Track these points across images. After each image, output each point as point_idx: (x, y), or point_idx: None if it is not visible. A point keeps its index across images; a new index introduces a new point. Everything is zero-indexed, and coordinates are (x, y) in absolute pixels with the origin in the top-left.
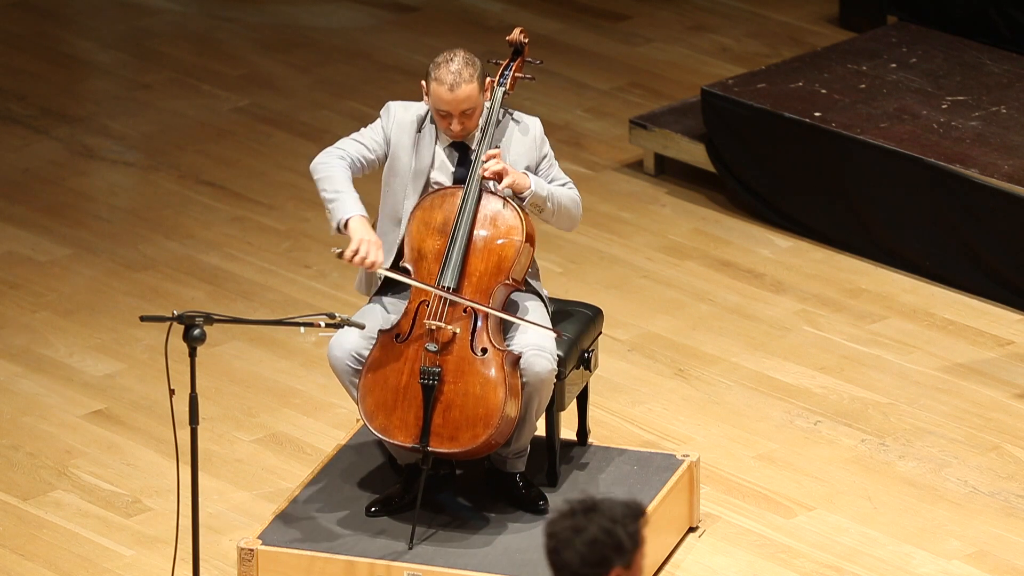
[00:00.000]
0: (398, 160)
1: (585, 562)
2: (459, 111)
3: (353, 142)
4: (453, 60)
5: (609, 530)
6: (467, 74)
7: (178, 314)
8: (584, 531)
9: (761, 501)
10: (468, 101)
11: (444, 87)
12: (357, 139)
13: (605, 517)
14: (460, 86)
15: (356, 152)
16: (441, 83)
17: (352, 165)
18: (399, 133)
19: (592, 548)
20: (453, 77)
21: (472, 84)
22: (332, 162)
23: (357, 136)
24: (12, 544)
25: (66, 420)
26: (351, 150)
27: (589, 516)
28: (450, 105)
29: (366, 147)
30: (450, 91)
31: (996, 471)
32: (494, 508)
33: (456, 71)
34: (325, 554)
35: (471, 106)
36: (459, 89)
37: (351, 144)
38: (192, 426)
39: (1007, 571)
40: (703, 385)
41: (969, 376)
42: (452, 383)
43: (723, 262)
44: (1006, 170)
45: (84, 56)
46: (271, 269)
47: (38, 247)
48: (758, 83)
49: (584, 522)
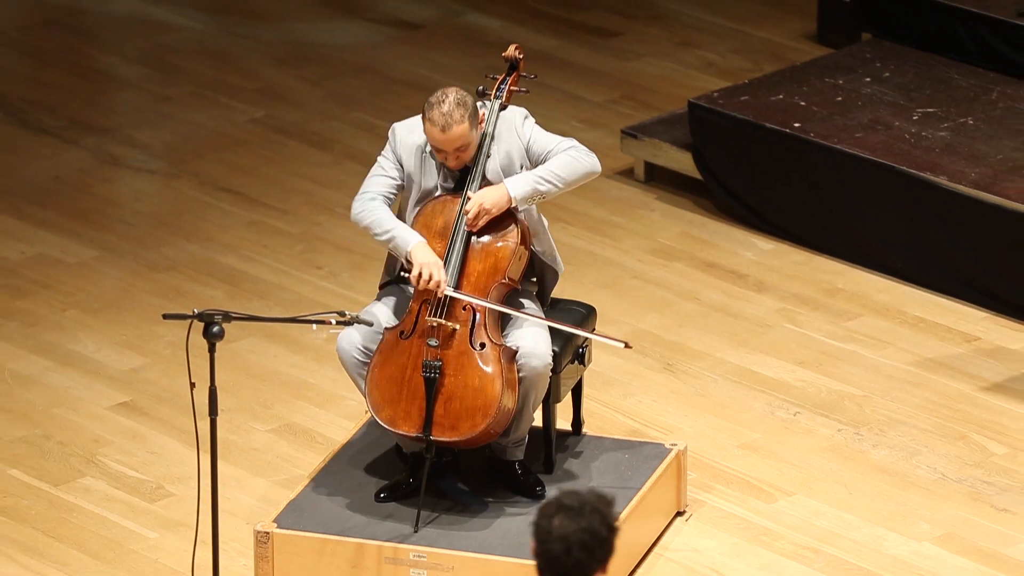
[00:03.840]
0: (410, 179)
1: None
2: (452, 148)
3: (375, 178)
4: (444, 102)
5: (612, 527)
6: (458, 115)
7: (198, 312)
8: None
9: (744, 487)
10: (460, 140)
11: (436, 128)
12: (378, 174)
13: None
14: (451, 127)
15: (383, 186)
16: (434, 124)
17: (385, 200)
18: (407, 155)
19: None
20: (444, 119)
21: (463, 124)
22: (369, 206)
23: (376, 171)
24: (44, 527)
25: (94, 411)
26: (377, 188)
27: (592, 514)
28: (443, 144)
29: (389, 176)
30: (442, 132)
31: (963, 459)
32: (494, 494)
33: (447, 113)
34: (336, 537)
35: (464, 143)
36: (450, 130)
37: (375, 182)
38: (211, 417)
39: (973, 552)
40: (690, 379)
41: (938, 370)
42: (453, 376)
43: (708, 263)
44: (973, 178)
45: (110, 71)
46: (285, 270)
47: (67, 250)
48: (741, 96)
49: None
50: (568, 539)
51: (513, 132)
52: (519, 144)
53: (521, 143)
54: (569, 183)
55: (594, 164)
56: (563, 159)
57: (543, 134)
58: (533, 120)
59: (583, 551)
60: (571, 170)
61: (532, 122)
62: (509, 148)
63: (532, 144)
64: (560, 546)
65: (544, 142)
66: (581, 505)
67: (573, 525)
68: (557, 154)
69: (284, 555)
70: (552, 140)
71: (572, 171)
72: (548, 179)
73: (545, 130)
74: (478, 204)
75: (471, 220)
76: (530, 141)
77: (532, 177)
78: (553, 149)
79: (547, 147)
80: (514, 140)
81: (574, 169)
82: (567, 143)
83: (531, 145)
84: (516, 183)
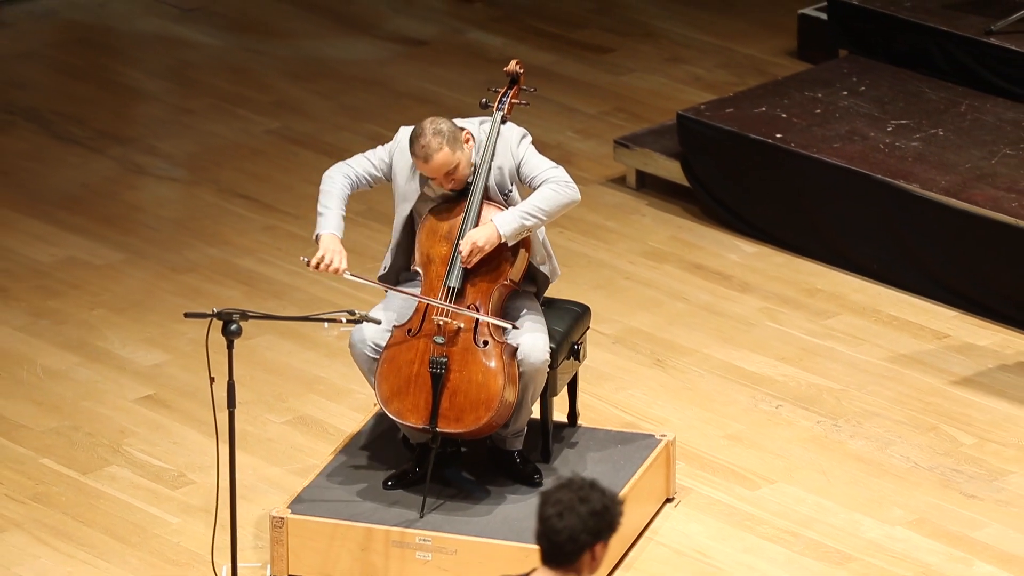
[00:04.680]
0: (396, 183)
1: (585, 529)
2: (440, 175)
3: (363, 159)
4: (422, 135)
5: (608, 506)
6: (435, 144)
7: (217, 311)
8: (588, 501)
9: (729, 475)
10: (444, 166)
11: (420, 160)
12: (368, 156)
13: (605, 495)
14: (432, 156)
15: (362, 169)
16: (417, 157)
17: (354, 183)
18: (400, 158)
19: (594, 518)
20: (424, 151)
21: (442, 151)
22: (336, 178)
23: (369, 154)
24: (73, 512)
25: (119, 404)
26: (358, 167)
27: (592, 490)
28: (430, 172)
29: (373, 165)
30: (425, 162)
31: (934, 448)
32: (495, 482)
33: (425, 144)
34: (347, 522)
35: (449, 168)
36: (432, 160)
37: (360, 161)
38: (230, 409)
39: (943, 535)
40: (678, 373)
41: (911, 365)
42: (457, 371)
43: (696, 265)
44: (943, 185)
45: (135, 85)
46: (298, 272)
47: (95, 252)
48: (727, 108)
49: (588, 494)
50: (570, 512)
51: (508, 151)
52: (511, 163)
53: (513, 162)
54: (552, 215)
55: (574, 195)
56: (546, 193)
57: (534, 157)
58: (530, 139)
59: (583, 528)
60: (553, 203)
61: (528, 142)
62: (502, 164)
63: (523, 165)
64: (559, 523)
65: (533, 165)
66: (582, 485)
67: (577, 503)
68: (542, 183)
69: (298, 539)
70: (540, 166)
71: (554, 204)
72: (533, 214)
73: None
74: (471, 243)
75: (465, 258)
76: (521, 162)
77: (518, 214)
78: (538, 176)
79: (534, 172)
80: (508, 159)
81: (556, 202)
82: (552, 172)
83: (521, 166)
84: (504, 220)
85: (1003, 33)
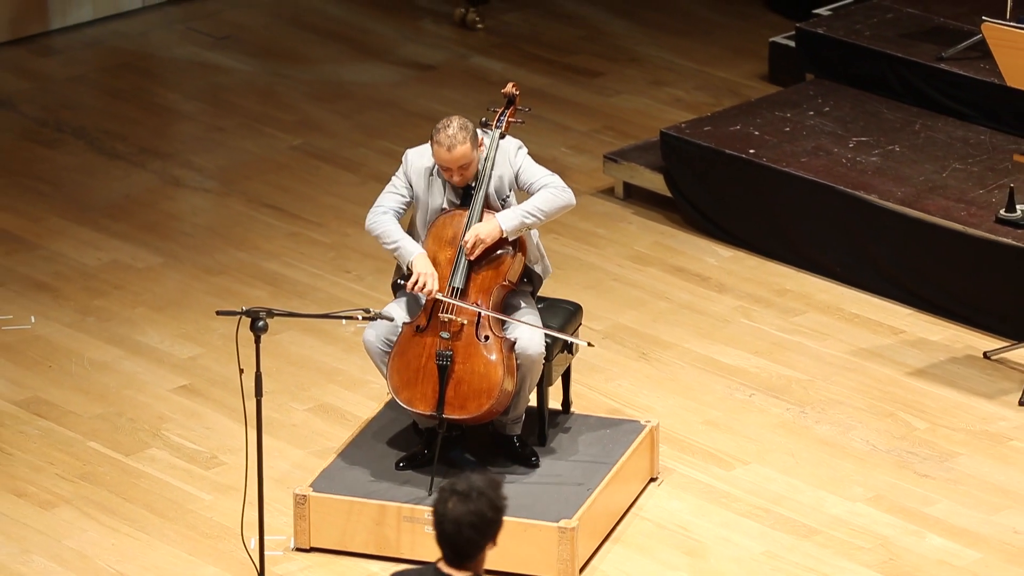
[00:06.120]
0: (417, 196)
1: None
2: (456, 166)
3: (388, 195)
4: (449, 126)
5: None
6: (461, 137)
7: (246, 309)
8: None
9: (707, 457)
10: (463, 158)
11: (443, 148)
12: (391, 191)
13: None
14: (455, 147)
15: (394, 202)
16: (440, 145)
17: (396, 213)
18: (416, 177)
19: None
20: (450, 140)
21: (466, 145)
22: (381, 219)
23: (388, 188)
24: (117, 490)
25: (158, 393)
26: (389, 203)
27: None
28: (448, 162)
29: (399, 194)
30: (448, 152)
31: (891, 433)
32: (495, 463)
33: (452, 135)
34: (362, 499)
35: (466, 162)
36: (455, 150)
37: (388, 197)
38: (257, 398)
39: (899, 511)
40: (661, 365)
41: (871, 358)
42: (461, 363)
43: (677, 268)
44: (899, 196)
45: (172, 106)
46: (319, 274)
47: (136, 256)
48: (705, 127)
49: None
50: (459, 521)
51: (507, 161)
52: (510, 172)
53: (512, 171)
54: (550, 215)
55: (570, 199)
56: (545, 196)
57: (531, 165)
58: (525, 151)
59: (473, 530)
60: (551, 205)
61: (524, 152)
62: (502, 173)
63: (521, 173)
64: (452, 527)
65: (530, 172)
66: (470, 490)
67: (463, 508)
68: (540, 187)
69: (318, 514)
70: (537, 173)
71: (552, 206)
72: (533, 213)
73: (535, 160)
74: (475, 236)
75: (469, 250)
76: (519, 170)
77: (519, 212)
78: (536, 182)
79: (532, 178)
80: (507, 168)
81: (554, 204)
82: (548, 178)
83: (520, 173)
84: (506, 217)
85: (953, 59)
